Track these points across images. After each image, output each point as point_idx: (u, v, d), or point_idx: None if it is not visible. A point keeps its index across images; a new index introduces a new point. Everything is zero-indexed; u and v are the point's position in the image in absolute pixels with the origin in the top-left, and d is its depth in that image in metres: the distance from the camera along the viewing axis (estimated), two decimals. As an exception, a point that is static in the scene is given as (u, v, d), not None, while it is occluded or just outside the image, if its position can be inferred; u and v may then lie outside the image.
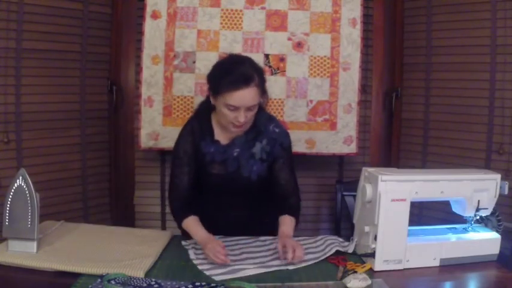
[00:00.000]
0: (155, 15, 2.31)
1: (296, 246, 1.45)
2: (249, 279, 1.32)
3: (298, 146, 2.31)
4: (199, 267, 1.42)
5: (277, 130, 1.69)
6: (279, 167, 1.70)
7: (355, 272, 1.37)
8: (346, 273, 1.36)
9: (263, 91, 1.59)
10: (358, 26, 2.35)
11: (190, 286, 1.25)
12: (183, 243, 1.62)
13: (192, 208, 1.65)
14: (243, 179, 1.68)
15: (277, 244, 1.50)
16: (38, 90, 2.19)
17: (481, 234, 1.56)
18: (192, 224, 1.60)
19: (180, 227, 1.66)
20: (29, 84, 2.15)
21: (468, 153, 2.25)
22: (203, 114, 1.69)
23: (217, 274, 1.36)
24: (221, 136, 1.67)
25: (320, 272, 1.41)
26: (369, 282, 1.28)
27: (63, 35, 2.24)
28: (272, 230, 1.88)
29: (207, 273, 1.38)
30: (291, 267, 1.43)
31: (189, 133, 1.68)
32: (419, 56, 2.42)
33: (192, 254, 1.52)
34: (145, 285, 1.25)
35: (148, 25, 2.30)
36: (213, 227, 1.62)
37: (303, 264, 1.45)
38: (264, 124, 1.67)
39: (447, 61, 2.32)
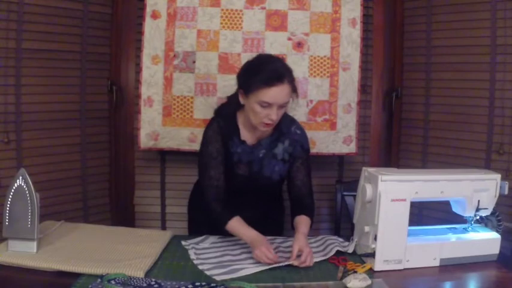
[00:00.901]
0: (155, 15, 2.31)
1: (309, 254, 1.45)
2: (249, 279, 1.32)
3: (298, 146, 2.31)
4: (200, 267, 1.42)
5: (298, 132, 1.73)
6: (296, 168, 1.73)
7: (355, 272, 1.37)
8: (346, 273, 1.36)
9: (293, 90, 1.59)
10: (358, 26, 2.35)
11: (190, 286, 1.25)
12: (183, 243, 1.62)
13: (232, 208, 1.64)
14: (265, 179, 1.71)
15: (294, 246, 1.48)
16: (38, 90, 2.19)
17: (481, 234, 1.56)
18: (239, 225, 1.58)
19: (222, 228, 1.61)
20: (29, 84, 2.15)
21: (468, 153, 2.25)
22: (228, 114, 1.69)
23: (218, 274, 1.37)
24: (247, 136, 1.68)
25: (320, 272, 1.42)
26: (369, 282, 1.28)
27: (63, 35, 2.24)
28: (280, 230, 1.90)
29: (207, 273, 1.38)
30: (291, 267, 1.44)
31: (217, 132, 1.66)
32: (419, 56, 2.42)
33: (192, 254, 1.52)
34: (145, 285, 1.25)
35: (148, 25, 2.30)
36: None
37: (304, 265, 1.45)
38: (286, 125, 1.70)
39: (447, 61, 2.32)
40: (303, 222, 1.63)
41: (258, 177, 1.70)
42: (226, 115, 1.70)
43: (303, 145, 1.73)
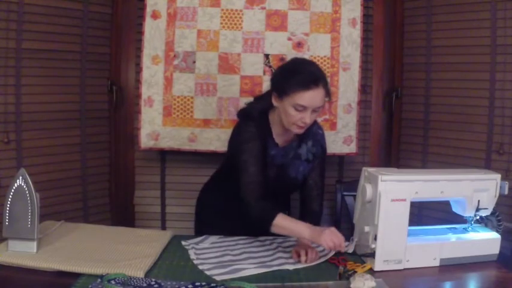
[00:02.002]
0: (155, 15, 2.31)
1: (308, 247, 1.47)
2: (249, 279, 1.32)
3: (298, 146, 2.31)
4: (200, 267, 1.42)
5: (320, 132, 1.75)
6: (313, 167, 1.72)
7: (356, 272, 1.37)
8: (346, 273, 1.36)
9: (327, 93, 1.58)
10: (358, 26, 2.35)
11: (190, 286, 1.25)
12: (183, 243, 1.62)
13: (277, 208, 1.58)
14: (290, 179, 1.70)
15: (292, 252, 1.51)
16: (38, 90, 2.19)
17: (481, 234, 1.56)
18: (288, 221, 1.53)
19: (267, 228, 1.54)
20: (29, 84, 2.15)
21: (468, 153, 2.25)
22: (260, 116, 1.66)
23: (218, 274, 1.36)
24: (278, 138, 1.68)
25: (320, 272, 1.42)
26: (374, 284, 1.27)
27: (63, 35, 2.24)
28: None
29: (208, 273, 1.38)
30: (291, 267, 1.44)
31: (255, 132, 1.62)
32: (419, 56, 2.42)
33: (192, 254, 1.52)
34: (145, 285, 1.25)
35: (148, 25, 2.30)
36: (231, 225, 1.67)
37: (304, 265, 1.45)
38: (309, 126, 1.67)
39: (447, 61, 2.32)
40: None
41: (285, 178, 1.70)
42: (259, 117, 1.66)
43: (323, 145, 1.75)
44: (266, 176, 1.64)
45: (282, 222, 1.52)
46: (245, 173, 1.60)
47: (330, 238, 1.43)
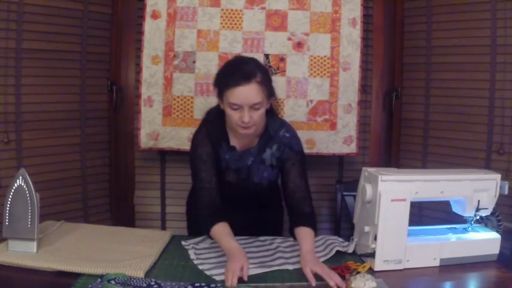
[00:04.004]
0: (155, 15, 2.31)
1: (330, 273, 1.32)
2: (249, 279, 1.32)
3: (298, 146, 2.31)
4: (200, 267, 1.42)
5: (287, 135, 1.65)
6: (287, 170, 1.63)
7: (358, 272, 1.36)
8: (352, 275, 1.34)
9: (269, 92, 1.53)
10: (358, 26, 2.35)
11: (190, 287, 1.25)
12: (183, 243, 1.62)
13: (223, 212, 1.55)
14: (254, 185, 1.67)
15: (304, 269, 1.36)
16: (38, 90, 2.19)
17: (481, 234, 1.56)
18: (222, 233, 1.47)
19: (208, 234, 1.55)
20: (29, 84, 2.15)
21: (468, 153, 2.25)
22: (216, 120, 1.64)
23: (218, 274, 1.37)
24: (236, 142, 1.63)
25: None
26: (375, 284, 1.27)
27: (63, 35, 2.24)
28: (279, 229, 1.88)
29: (207, 273, 1.38)
30: (291, 267, 1.44)
31: (206, 137, 1.61)
32: (419, 56, 2.42)
33: (192, 254, 1.52)
34: (145, 285, 1.25)
35: (148, 25, 2.30)
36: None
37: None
38: (275, 130, 1.63)
39: (447, 61, 2.32)
40: (305, 237, 1.49)
41: (247, 184, 1.66)
42: (215, 121, 1.64)
43: (292, 147, 1.63)
44: (224, 181, 1.62)
45: (216, 232, 1.48)
46: (196, 179, 1.60)
47: (230, 274, 1.29)
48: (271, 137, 1.63)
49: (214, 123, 1.64)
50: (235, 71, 1.48)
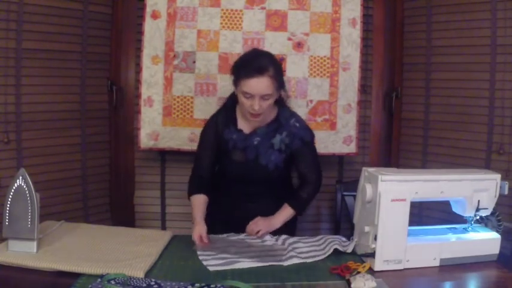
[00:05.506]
0: (155, 15, 2.31)
1: (253, 223, 1.68)
2: (249, 279, 1.32)
3: (298, 146, 2.31)
4: (200, 258, 1.46)
5: (297, 125, 1.79)
6: (298, 161, 1.81)
7: (359, 272, 1.36)
8: (352, 275, 1.34)
9: (280, 85, 1.70)
10: (358, 26, 2.35)
11: (190, 287, 1.25)
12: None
13: (206, 189, 1.78)
14: (261, 167, 1.76)
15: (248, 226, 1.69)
16: (38, 90, 2.19)
17: (481, 234, 1.56)
18: (196, 203, 1.74)
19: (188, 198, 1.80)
20: (29, 84, 2.15)
21: (468, 153, 2.25)
22: (229, 106, 1.83)
23: (213, 265, 1.40)
24: (244, 126, 1.79)
25: (320, 272, 1.41)
26: (375, 284, 1.27)
27: (63, 35, 2.24)
28: (293, 221, 1.89)
29: (204, 263, 1.42)
30: (285, 263, 1.45)
31: (213, 123, 1.83)
32: (419, 56, 2.42)
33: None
34: (144, 285, 1.25)
35: (148, 25, 2.30)
36: (231, 219, 1.75)
37: (302, 261, 1.46)
38: (285, 118, 1.79)
39: (447, 61, 2.32)
40: (280, 211, 1.77)
41: (254, 165, 1.77)
42: (228, 106, 1.83)
43: (303, 138, 1.78)
44: (232, 160, 1.79)
45: (191, 202, 1.76)
46: (196, 156, 1.88)
47: (194, 236, 1.57)
48: (282, 124, 1.78)
49: (227, 109, 1.84)
50: (251, 63, 1.66)
